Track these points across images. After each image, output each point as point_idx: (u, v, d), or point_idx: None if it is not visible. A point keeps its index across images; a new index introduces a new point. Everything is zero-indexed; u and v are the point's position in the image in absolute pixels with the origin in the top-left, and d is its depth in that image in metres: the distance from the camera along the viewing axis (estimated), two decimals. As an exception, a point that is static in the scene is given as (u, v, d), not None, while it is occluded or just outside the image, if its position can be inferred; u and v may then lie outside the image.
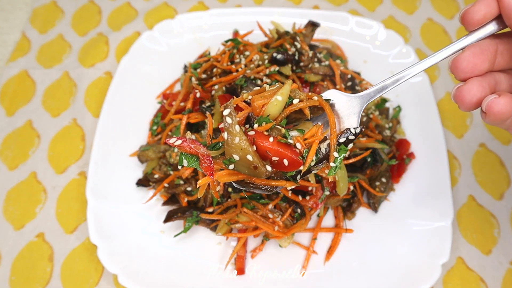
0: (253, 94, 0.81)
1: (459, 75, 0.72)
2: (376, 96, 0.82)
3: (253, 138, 0.75)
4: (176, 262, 1.14)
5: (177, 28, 1.54)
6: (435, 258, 1.11)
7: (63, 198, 1.28)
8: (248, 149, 0.73)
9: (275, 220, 1.13)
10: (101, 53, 1.58)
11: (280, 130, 0.76)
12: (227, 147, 0.74)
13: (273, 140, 0.75)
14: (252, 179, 0.77)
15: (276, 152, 0.74)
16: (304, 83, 1.19)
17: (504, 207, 1.28)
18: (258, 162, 0.74)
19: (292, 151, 0.75)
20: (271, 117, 0.77)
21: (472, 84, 0.71)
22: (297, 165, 0.76)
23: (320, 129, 0.78)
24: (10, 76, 1.52)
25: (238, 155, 0.74)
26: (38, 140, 1.39)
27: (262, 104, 0.77)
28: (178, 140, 0.75)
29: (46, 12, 1.70)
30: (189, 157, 0.76)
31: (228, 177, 0.76)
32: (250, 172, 0.75)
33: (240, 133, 0.74)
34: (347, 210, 1.22)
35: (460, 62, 0.71)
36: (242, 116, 0.78)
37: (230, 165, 0.75)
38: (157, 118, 1.33)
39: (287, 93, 0.78)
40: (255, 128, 0.76)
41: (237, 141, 0.73)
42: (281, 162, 0.75)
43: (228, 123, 0.74)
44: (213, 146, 0.78)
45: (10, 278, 1.16)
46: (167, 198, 1.21)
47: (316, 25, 1.32)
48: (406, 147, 1.31)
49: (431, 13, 1.72)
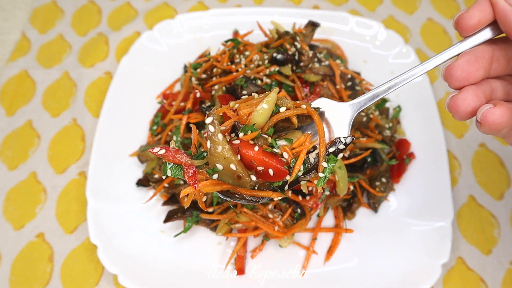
0: (240, 102, 0.79)
1: (453, 83, 0.70)
2: (367, 104, 0.81)
3: (238, 147, 0.73)
4: (176, 262, 1.14)
5: (177, 28, 1.54)
6: (435, 258, 1.11)
7: (63, 198, 1.28)
8: (231, 158, 0.72)
9: (275, 220, 1.13)
10: (101, 53, 1.58)
11: (266, 139, 0.75)
12: (210, 156, 0.73)
13: (258, 149, 0.73)
14: (237, 189, 0.75)
15: (261, 161, 0.73)
16: (304, 83, 1.19)
17: (504, 207, 1.28)
18: (242, 172, 0.72)
19: (278, 161, 0.73)
20: (257, 126, 0.75)
21: (467, 93, 0.69)
22: (282, 175, 0.74)
23: (308, 138, 0.77)
24: (10, 76, 1.52)
25: (221, 164, 0.72)
26: (38, 140, 1.39)
27: (248, 113, 0.75)
28: (162, 149, 0.74)
29: (46, 12, 1.70)
30: (173, 167, 0.75)
31: (212, 187, 0.74)
32: (234, 182, 0.74)
33: (223, 141, 0.72)
34: (347, 210, 1.22)
35: (454, 71, 0.69)
36: (228, 124, 0.77)
37: (214, 175, 0.74)
38: (157, 118, 1.33)
39: (273, 101, 0.76)
40: (240, 137, 0.74)
41: (220, 150, 0.72)
42: (267, 172, 0.73)
43: (211, 131, 0.73)
44: (198, 156, 0.77)
45: (10, 278, 1.16)
46: (167, 198, 1.21)
47: (316, 25, 1.32)
48: (406, 147, 1.30)
49: (431, 13, 1.72)
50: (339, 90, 1.23)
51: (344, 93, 1.23)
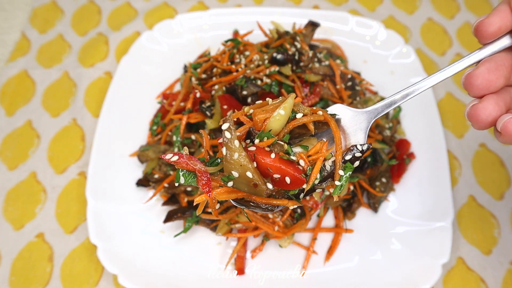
0: (254, 107, 0.77)
1: (473, 92, 0.68)
2: (384, 111, 0.79)
3: (254, 154, 0.71)
4: (176, 262, 1.14)
5: (177, 28, 1.54)
6: (435, 258, 1.11)
7: (63, 198, 1.28)
8: (248, 166, 0.70)
9: (275, 220, 1.13)
10: (101, 53, 1.57)
11: (282, 146, 0.73)
12: (226, 163, 0.71)
13: (274, 157, 0.71)
14: (252, 198, 0.73)
15: (278, 169, 0.71)
16: (304, 83, 1.19)
17: (504, 207, 1.28)
18: (258, 180, 0.71)
19: (295, 169, 0.72)
20: (273, 132, 0.74)
21: (488, 103, 0.67)
22: (300, 183, 0.72)
23: (325, 145, 0.75)
24: (10, 76, 1.52)
25: (237, 171, 0.70)
26: (38, 140, 1.39)
27: (263, 119, 0.74)
28: (175, 156, 0.72)
29: (46, 12, 1.70)
30: (186, 174, 0.73)
31: (226, 195, 0.72)
32: (250, 190, 0.72)
33: (240, 148, 0.70)
34: (347, 210, 1.22)
35: (475, 79, 0.67)
36: (242, 130, 0.75)
37: (229, 182, 0.72)
38: (157, 118, 1.33)
39: (290, 107, 0.75)
40: (256, 144, 0.73)
41: (236, 157, 0.70)
42: (283, 180, 0.72)
43: (227, 138, 0.71)
44: (211, 162, 0.75)
45: (10, 278, 1.16)
46: (167, 198, 1.21)
47: (316, 25, 1.32)
48: (406, 147, 1.30)
49: (431, 13, 1.72)
50: (339, 90, 1.23)
51: (344, 93, 1.23)
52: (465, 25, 1.68)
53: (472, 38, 1.64)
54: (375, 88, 1.42)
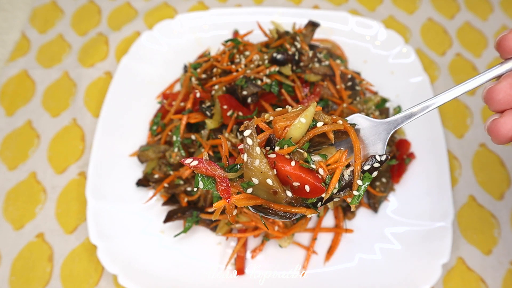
0: (274, 115, 0.77)
1: (494, 106, 0.68)
2: (404, 122, 0.78)
3: (274, 161, 0.71)
4: (176, 262, 1.14)
5: (177, 28, 1.54)
6: (435, 258, 1.11)
7: (63, 198, 1.28)
8: (268, 173, 0.70)
9: (275, 220, 1.13)
10: (101, 53, 1.57)
11: (302, 154, 0.73)
12: (246, 170, 0.71)
13: (295, 165, 0.71)
14: (271, 205, 0.73)
15: (298, 177, 0.71)
16: (304, 83, 1.19)
17: (504, 207, 1.28)
18: (278, 187, 0.71)
19: (315, 177, 0.72)
20: (293, 140, 0.74)
21: (508, 118, 0.67)
22: (319, 192, 0.72)
23: (344, 154, 0.75)
24: (10, 76, 1.52)
25: (257, 178, 0.71)
26: (38, 140, 1.39)
27: (284, 126, 0.74)
28: (194, 160, 0.72)
29: (46, 12, 1.70)
30: (205, 179, 0.73)
31: (245, 201, 0.72)
32: (269, 197, 0.72)
33: (261, 155, 0.70)
34: (347, 210, 1.22)
35: (496, 93, 0.67)
36: (263, 137, 0.75)
37: (249, 189, 0.72)
38: (157, 118, 1.33)
39: (311, 115, 0.75)
40: (276, 151, 0.73)
41: (257, 164, 0.70)
42: (303, 188, 0.71)
43: (248, 144, 0.71)
44: (231, 168, 0.75)
45: (10, 278, 1.16)
46: (167, 198, 1.21)
47: (316, 25, 1.32)
48: (406, 147, 1.30)
49: (431, 13, 1.72)
50: (339, 90, 1.23)
51: (344, 93, 1.22)
52: (465, 25, 1.68)
53: (472, 38, 1.64)
54: (375, 88, 1.42)
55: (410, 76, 1.44)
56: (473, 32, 1.66)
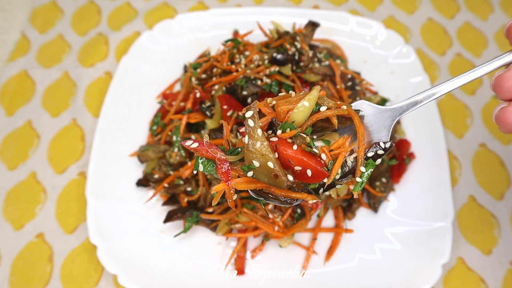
0: (277, 99, 0.76)
1: (502, 94, 0.67)
2: (409, 109, 0.77)
3: (276, 144, 0.70)
4: (176, 262, 1.14)
5: (177, 28, 1.54)
6: (435, 259, 1.11)
7: (62, 198, 1.28)
8: (269, 156, 0.69)
9: (275, 220, 1.13)
10: (101, 53, 1.57)
11: (304, 138, 0.72)
12: (247, 152, 0.70)
13: (297, 148, 0.70)
14: (272, 189, 0.72)
15: (300, 161, 0.70)
16: (304, 83, 1.19)
17: (504, 207, 1.28)
18: (279, 171, 0.69)
19: (317, 161, 0.71)
20: (296, 124, 0.72)
21: None
22: (321, 177, 0.71)
23: (347, 140, 0.74)
24: (10, 76, 1.52)
25: (258, 161, 0.69)
26: (37, 140, 1.39)
27: (287, 110, 0.72)
28: (195, 143, 0.71)
29: (46, 12, 1.70)
30: (205, 162, 0.72)
31: (246, 185, 0.71)
32: (270, 181, 0.71)
33: (262, 138, 0.69)
34: (347, 210, 1.22)
35: (505, 81, 0.65)
36: (265, 121, 0.74)
37: (249, 172, 0.71)
38: (157, 118, 1.33)
39: (315, 99, 0.73)
40: (278, 135, 0.72)
41: (258, 146, 0.69)
42: (304, 173, 0.70)
43: (250, 126, 0.70)
44: (232, 152, 0.74)
45: (10, 278, 1.16)
46: (167, 198, 1.21)
47: (316, 25, 1.32)
48: (406, 147, 1.30)
49: (431, 13, 1.72)
50: (339, 90, 1.23)
51: (344, 93, 1.22)
52: (465, 25, 1.68)
53: (472, 38, 1.64)
54: (375, 88, 1.42)
55: (410, 76, 1.44)
56: (473, 32, 1.66)
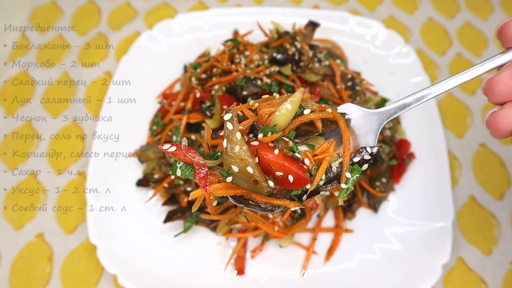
0: (260, 101, 0.74)
1: (494, 98, 0.64)
2: (397, 113, 0.74)
3: (256, 149, 0.68)
4: (176, 263, 1.14)
5: (177, 28, 1.54)
6: (435, 259, 1.11)
7: (62, 198, 1.28)
8: (248, 160, 0.66)
9: (275, 220, 1.13)
10: (101, 53, 1.57)
11: (287, 142, 0.69)
12: (226, 157, 0.67)
13: (278, 153, 0.68)
14: (252, 196, 0.70)
15: (281, 166, 0.67)
16: (304, 83, 1.19)
17: (504, 207, 1.27)
18: (259, 176, 0.67)
19: (299, 167, 0.68)
20: (278, 128, 0.70)
21: (509, 110, 0.63)
22: (303, 183, 0.68)
23: (332, 145, 0.71)
24: (10, 76, 1.52)
25: (237, 166, 0.67)
26: (38, 140, 1.39)
27: (269, 113, 0.70)
28: (172, 146, 0.68)
29: (46, 12, 1.70)
30: (183, 166, 0.69)
31: (224, 191, 0.69)
32: (250, 186, 0.68)
33: (241, 141, 0.67)
34: (347, 210, 1.22)
35: (497, 84, 0.63)
36: (246, 124, 0.71)
37: (228, 177, 0.68)
38: (157, 118, 1.33)
39: (298, 102, 0.71)
40: (259, 138, 0.69)
41: (237, 150, 0.66)
42: (286, 178, 0.68)
43: (228, 129, 0.67)
44: (211, 156, 0.71)
45: (10, 278, 1.16)
46: (167, 198, 1.21)
47: (316, 25, 1.32)
48: (406, 147, 1.30)
49: (431, 13, 1.72)
50: (339, 90, 1.23)
51: (344, 93, 1.22)
52: (465, 25, 1.68)
53: (472, 38, 1.64)
54: (375, 88, 1.42)
55: (410, 76, 1.44)
56: (473, 32, 1.66)
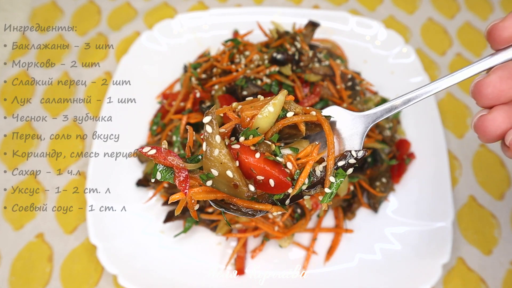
0: (244, 104, 0.72)
1: (482, 101, 0.63)
2: (383, 116, 0.73)
3: (237, 152, 0.66)
4: (176, 262, 1.14)
5: (177, 28, 1.54)
6: (435, 259, 1.11)
7: (62, 198, 1.28)
8: (228, 164, 0.65)
9: (275, 220, 1.13)
10: (101, 53, 1.57)
11: (269, 146, 0.68)
12: (206, 160, 0.66)
13: (259, 157, 0.66)
14: (233, 200, 0.68)
15: (261, 170, 0.65)
16: (304, 83, 1.19)
17: (504, 207, 1.27)
18: (239, 180, 0.65)
19: (280, 171, 0.66)
20: (260, 131, 0.68)
21: (497, 114, 0.62)
22: (284, 187, 0.67)
23: (316, 149, 0.70)
24: (10, 76, 1.52)
25: (217, 170, 0.65)
26: (37, 140, 1.39)
27: (251, 115, 0.68)
28: (152, 149, 0.67)
29: (46, 12, 1.70)
30: (163, 170, 0.68)
31: (204, 195, 0.67)
32: (230, 190, 0.67)
33: (221, 145, 0.65)
34: (347, 210, 1.22)
35: (485, 87, 0.61)
36: (228, 127, 0.70)
37: (208, 181, 0.67)
38: (157, 118, 1.33)
39: (280, 104, 0.69)
40: (241, 142, 0.68)
41: (216, 154, 0.65)
42: (267, 183, 0.66)
43: (208, 132, 0.66)
44: (192, 159, 0.70)
45: (10, 278, 1.16)
46: (167, 198, 1.21)
47: (316, 25, 1.32)
48: (406, 147, 1.30)
49: (431, 12, 1.72)
50: (339, 90, 1.23)
51: (344, 93, 1.22)
52: (465, 25, 1.68)
53: (472, 38, 1.64)
54: (375, 88, 1.42)
55: (410, 76, 1.44)
56: (473, 32, 1.66)
